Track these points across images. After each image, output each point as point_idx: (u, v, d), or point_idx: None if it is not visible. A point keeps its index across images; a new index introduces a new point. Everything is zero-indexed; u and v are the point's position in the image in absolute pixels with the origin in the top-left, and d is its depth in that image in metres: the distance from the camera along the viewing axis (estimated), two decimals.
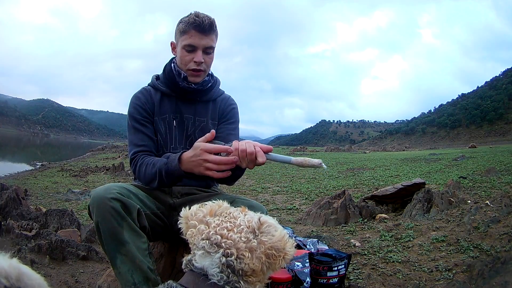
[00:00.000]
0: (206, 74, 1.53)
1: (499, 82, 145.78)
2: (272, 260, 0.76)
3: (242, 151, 1.16)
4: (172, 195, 1.47)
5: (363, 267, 2.11)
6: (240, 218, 0.81)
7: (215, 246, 0.76)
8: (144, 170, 1.37)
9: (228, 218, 0.82)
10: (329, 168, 10.07)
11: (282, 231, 0.80)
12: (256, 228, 0.79)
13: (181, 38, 1.46)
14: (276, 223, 0.83)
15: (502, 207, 2.86)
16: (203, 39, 1.43)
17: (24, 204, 3.30)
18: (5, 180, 7.17)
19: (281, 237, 0.79)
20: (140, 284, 1.14)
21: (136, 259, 1.16)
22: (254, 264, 0.75)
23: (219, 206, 0.85)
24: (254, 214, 0.84)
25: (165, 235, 1.43)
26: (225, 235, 0.77)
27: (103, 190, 1.20)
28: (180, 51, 1.47)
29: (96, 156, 18.41)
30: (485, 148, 19.42)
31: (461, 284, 1.70)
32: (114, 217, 1.15)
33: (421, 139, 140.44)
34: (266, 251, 0.76)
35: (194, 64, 1.45)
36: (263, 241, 0.77)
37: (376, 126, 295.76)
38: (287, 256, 0.78)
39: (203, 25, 1.41)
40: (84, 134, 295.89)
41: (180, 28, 1.45)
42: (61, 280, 1.95)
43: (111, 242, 1.16)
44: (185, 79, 1.49)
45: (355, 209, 3.50)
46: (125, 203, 1.19)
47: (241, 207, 0.88)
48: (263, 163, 1.16)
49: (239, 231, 0.78)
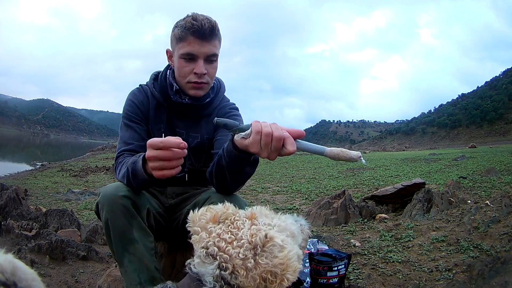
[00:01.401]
0: (210, 87, 1.36)
1: (499, 82, 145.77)
2: (268, 283, 0.70)
3: (267, 135, 0.87)
4: (167, 196, 1.44)
5: (363, 267, 2.11)
6: (243, 230, 0.74)
7: (210, 258, 0.72)
8: (120, 169, 1.23)
9: (230, 227, 0.75)
10: (329, 168, 10.07)
11: (289, 253, 0.72)
12: (260, 245, 0.71)
13: (177, 46, 1.26)
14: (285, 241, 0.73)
15: (502, 207, 2.86)
16: (204, 46, 1.23)
17: (24, 204, 3.31)
18: (5, 180, 7.18)
19: (283, 260, 0.70)
20: (146, 283, 1.13)
21: (144, 258, 1.15)
22: (248, 283, 0.70)
23: (223, 212, 0.78)
24: (263, 226, 0.76)
25: (165, 235, 1.43)
26: (223, 248, 0.72)
27: (114, 187, 1.18)
28: (177, 61, 1.27)
29: (96, 156, 18.40)
30: (485, 148, 19.42)
31: (461, 284, 1.70)
32: (124, 215, 1.14)
33: (421, 139, 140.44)
34: (261, 274, 0.70)
35: (195, 76, 1.26)
36: (260, 264, 0.70)
37: (376, 126, 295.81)
38: (284, 283, 0.70)
39: (203, 30, 1.21)
40: (84, 134, 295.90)
41: (176, 34, 1.24)
42: (61, 280, 1.95)
43: (120, 240, 1.15)
44: (178, 92, 1.33)
45: (355, 209, 3.50)
46: (136, 201, 1.17)
47: (251, 213, 0.79)
48: (291, 153, 0.88)
49: (238, 245, 0.72)
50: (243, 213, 0.80)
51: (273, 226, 0.78)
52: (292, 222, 0.86)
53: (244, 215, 0.79)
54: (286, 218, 0.85)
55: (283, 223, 0.81)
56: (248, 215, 0.79)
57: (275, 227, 0.78)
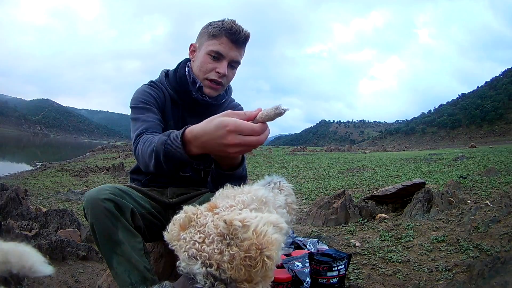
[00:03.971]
0: (223, 90, 1.39)
1: (499, 82, 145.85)
2: (253, 268, 0.67)
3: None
4: (168, 195, 1.45)
5: (363, 267, 2.11)
6: (208, 224, 0.74)
7: (193, 259, 0.73)
8: (141, 149, 1.15)
9: (197, 227, 0.75)
10: (329, 168, 10.07)
11: (256, 229, 0.66)
12: (226, 233, 0.70)
13: (208, 42, 1.28)
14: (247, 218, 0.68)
15: (502, 207, 2.86)
16: (233, 50, 1.27)
17: (24, 204, 3.31)
18: (5, 180, 7.18)
19: (252, 240, 0.66)
20: (137, 284, 1.14)
21: (132, 259, 1.15)
22: (237, 273, 0.68)
23: (185, 216, 0.78)
24: (225, 210, 0.75)
25: (163, 235, 1.43)
26: (199, 248, 0.72)
27: (96, 191, 1.18)
28: (202, 56, 1.30)
29: (96, 156, 18.41)
30: (485, 148, 19.42)
31: (461, 284, 1.70)
32: (108, 217, 1.14)
33: (421, 139, 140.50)
34: (241, 262, 0.67)
35: (216, 75, 1.29)
36: (233, 254, 0.68)
37: (376, 126, 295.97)
38: (267, 262, 0.66)
39: (239, 35, 1.26)
40: (84, 134, 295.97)
41: (210, 31, 1.28)
42: (61, 280, 1.95)
43: (106, 242, 1.16)
44: (200, 89, 1.34)
45: (355, 209, 3.50)
46: (118, 203, 1.17)
47: (209, 204, 0.79)
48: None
49: (210, 242, 0.71)
50: (204, 208, 0.79)
51: (236, 205, 0.76)
52: (259, 188, 0.84)
53: (205, 209, 0.78)
54: (253, 187, 0.84)
55: (247, 195, 0.78)
56: (208, 207, 0.78)
57: (238, 204, 0.76)
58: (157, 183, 1.48)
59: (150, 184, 1.49)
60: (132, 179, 1.56)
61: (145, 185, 1.48)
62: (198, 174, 1.46)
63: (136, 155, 1.20)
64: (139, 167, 1.51)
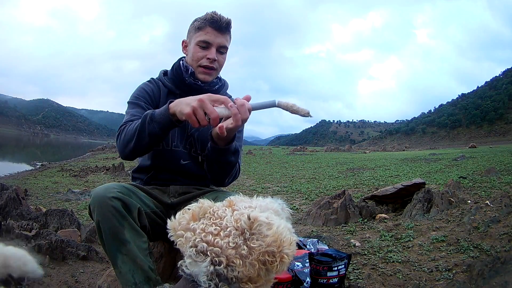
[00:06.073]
0: (217, 74, 1.52)
1: (499, 82, 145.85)
2: (268, 265, 0.68)
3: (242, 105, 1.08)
4: (170, 194, 1.46)
5: (363, 267, 2.11)
6: (226, 217, 0.73)
7: (201, 255, 0.70)
8: (126, 129, 1.27)
9: (213, 219, 0.74)
10: (329, 168, 10.07)
11: (278, 228, 0.70)
12: (247, 229, 0.70)
13: (195, 35, 1.44)
14: (270, 218, 0.71)
15: (502, 207, 2.86)
16: (218, 37, 1.42)
17: (24, 204, 3.30)
18: (5, 180, 7.17)
19: (276, 237, 0.68)
20: (141, 284, 1.14)
21: (137, 258, 1.15)
22: (248, 271, 0.68)
23: (200, 207, 0.77)
24: (244, 209, 0.75)
25: (164, 235, 1.43)
26: (211, 241, 0.70)
27: (104, 189, 1.19)
28: (193, 48, 1.45)
29: (96, 156, 18.40)
30: (485, 148, 19.42)
31: (461, 284, 1.70)
32: (115, 216, 1.15)
33: (421, 139, 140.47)
34: (258, 257, 0.68)
35: (207, 61, 1.43)
36: (253, 248, 0.68)
37: (376, 126, 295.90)
38: (285, 259, 0.68)
39: (220, 23, 1.41)
40: (84, 134, 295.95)
41: (196, 25, 1.44)
42: (61, 280, 1.95)
43: (112, 241, 1.16)
44: (192, 75, 1.46)
45: (355, 209, 3.49)
46: (126, 202, 1.18)
47: (228, 201, 0.79)
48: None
49: (226, 235, 0.70)
50: (221, 204, 0.79)
51: (254, 207, 0.77)
52: (271, 201, 0.85)
53: (222, 205, 0.78)
54: (264, 199, 0.85)
55: (263, 203, 0.80)
56: (226, 203, 0.78)
57: (256, 208, 0.77)
58: (158, 181, 1.49)
59: (152, 182, 1.50)
60: (134, 178, 1.57)
61: (147, 183, 1.49)
62: (196, 161, 1.50)
63: (118, 136, 1.30)
64: (141, 166, 1.52)
